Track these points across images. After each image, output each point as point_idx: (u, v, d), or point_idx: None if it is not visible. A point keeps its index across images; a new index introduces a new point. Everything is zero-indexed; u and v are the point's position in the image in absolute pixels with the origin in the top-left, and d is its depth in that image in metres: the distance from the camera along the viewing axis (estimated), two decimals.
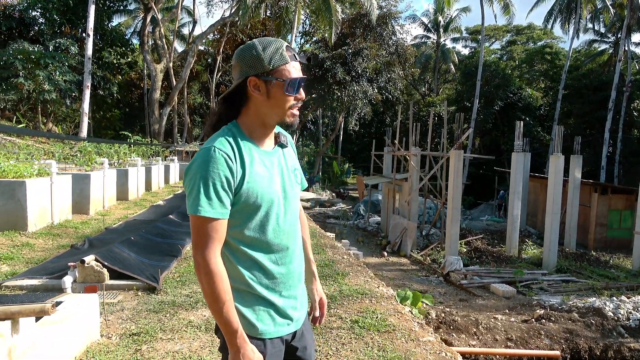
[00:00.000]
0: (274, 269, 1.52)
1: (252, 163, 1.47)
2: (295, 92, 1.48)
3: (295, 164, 1.63)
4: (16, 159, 8.55)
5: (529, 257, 15.10)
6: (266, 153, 1.53)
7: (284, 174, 1.55)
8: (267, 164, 1.51)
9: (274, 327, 1.53)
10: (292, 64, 1.47)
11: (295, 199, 1.59)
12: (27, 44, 20.05)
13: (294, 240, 1.57)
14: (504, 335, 6.87)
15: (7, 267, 5.21)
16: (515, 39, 39.97)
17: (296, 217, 1.60)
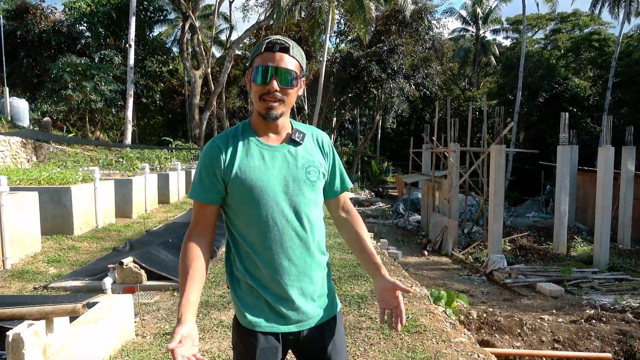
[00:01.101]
0: (267, 265, 1.50)
1: (246, 155, 1.51)
2: (259, 81, 1.46)
3: (311, 162, 1.54)
4: (64, 166, 8.98)
5: (578, 254, 14.40)
6: (269, 147, 1.53)
7: (288, 169, 1.52)
8: (267, 158, 1.52)
9: (267, 322, 1.51)
10: (264, 54, 1.48)
11: (299, 195, 1.52)
12: (74, 57, 21.08)
13: (291, 242, 1.51)
14: (550, 336, 6.57)
15: (54, 270, 5.47)
16: (560, 27, 38.26)
17: (303, 214, 1.52)
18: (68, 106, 19.99)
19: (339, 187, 1.63)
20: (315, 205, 1.56)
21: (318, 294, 1.58)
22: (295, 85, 1.50)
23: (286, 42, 1.48)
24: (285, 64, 1.46)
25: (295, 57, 1.50)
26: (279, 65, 1.46)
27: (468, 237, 16.65)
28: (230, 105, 36.03)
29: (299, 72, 1.52)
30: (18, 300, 3.21)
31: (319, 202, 1.60)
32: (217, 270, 5.36)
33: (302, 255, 1.53)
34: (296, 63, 1.51)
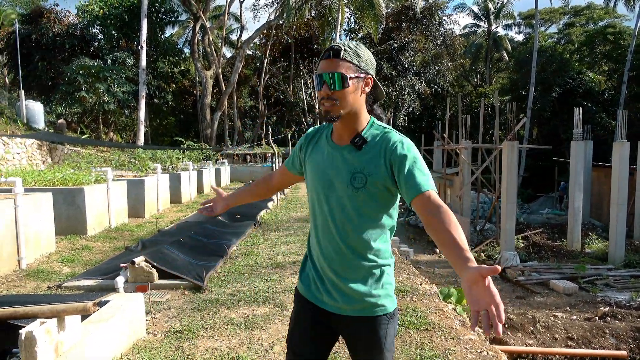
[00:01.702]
0: (316, 244, 1.72)
1: (314, 149, 1.75)
2: (316, 88, 1.60)
3: (360, 169, 1.57)
4: (78, 167, 9.11)
5: (592, 251, 14.21)
6: (333, 147, 1.67)
7: (338, 169, 1.62)
8: (327, 155, 1.68)
9: (309, 291, 1.75)
10: (321, 62, 1.60)
11: (341, 197, 1.61)
12: (87, 59, 21.38)
13: (333, 236, 1.64)
14: (564, 334, 6.50)
15: (68, 269, 5.57)
16: (574, 21, 37.66)
17: (345, 215, 1.60)
18: (82, 108, 20.29)
19: (408, 193, 1.52)
20: (359, 210, 1.59)
21: (352, 289, 1.63)
22: (346, 86, 1.54)
23: (339, 46, 1.56)
24: (334, 68, 1.54)
25: (348, 59, 1.55)
26: (329, 70, 1.55)
27: (480, 235, 16.53)
28: (241, 104, 36.19)
29: (351, 73, 1.55)
30: (32, 299, 3.28)
31: (379, 204, 1.60)
32: (228, 269, 5.41)
33: (337, 249, 1.65)
34: (348, 65, 1.55)
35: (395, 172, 1.55)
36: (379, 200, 1.60)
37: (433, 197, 1.47)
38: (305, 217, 9.67)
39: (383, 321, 1.64)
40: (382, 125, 1.65)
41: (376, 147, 1.59)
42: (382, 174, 1.56)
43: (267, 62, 30.96)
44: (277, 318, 3.78)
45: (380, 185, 1.57)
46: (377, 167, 1.56)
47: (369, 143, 1.60)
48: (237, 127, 33.50)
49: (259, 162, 24.92)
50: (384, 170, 1.55)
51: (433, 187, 1.51)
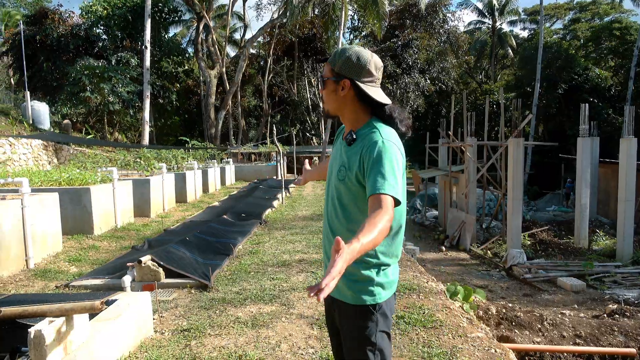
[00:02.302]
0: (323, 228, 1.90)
1: (334, 145, 1.94)
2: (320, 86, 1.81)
3: (344, 162, 1.73)
4: (84, 167, 9.15)
5: (600, 248, 14.10)
6: (341, 142, 1.84)
7: (335, 161, 1.81)
8: (337, 149, 1.86)
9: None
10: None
11: (334, 186, 1.78)
12: (92, 59, 21.45)
13: (326, 221, 1.83)
14: (572, 331, 6.45)
15: (75, 268, 5.59)
16: (579, 17, 37.38)
17: (333, 203, 1.77)
18: (87, 108, 20.37)
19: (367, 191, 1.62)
20: (343, 201, 1.74)
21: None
22: (323, 87, 1.76)
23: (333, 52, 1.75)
24: (322, 72, 1.78)
25: (329, 62, 1.75)
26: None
27: (486, 232, 16.46)
28: (245, 104, 36.23)
29: (327, 76, 1.74)
30: (40, 299, 3.29)
31: (354, 197, 1.71)
32: (234, 268, 5.41)
33: (327, 234, 1.83)
34: (328, 68, 1.74)
35: (365, 171, 1.65)
36: (357, 194, 1.69)
37: (379, 201, 1.52)
38: (310, 216, 9.67)
39: (360, 311, 1.70)
40: (376, 125, 1.71)
41: (360, 144, 1.70)
42: (357, 170, 1.67)
43: (271, 61, 30.97)
44: (283, 316, 3.77)
45: (355, 180, 1.68)
46: (354, 164, 1.68)
47: (357, 140, 1.72)
48: (241, 126, 33.54)
49: (264, 161, 24.94)
50: (359, 167, 1.67)
51: (388, 191, 1.53)
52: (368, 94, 1.70)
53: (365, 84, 1.70)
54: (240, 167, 21.53)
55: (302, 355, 3.07)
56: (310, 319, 3.69)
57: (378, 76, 1.73)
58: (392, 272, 1.75)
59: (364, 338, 1.68)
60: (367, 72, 1.70)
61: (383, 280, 1.71)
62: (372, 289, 1.69)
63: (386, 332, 1.73)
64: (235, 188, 16.44)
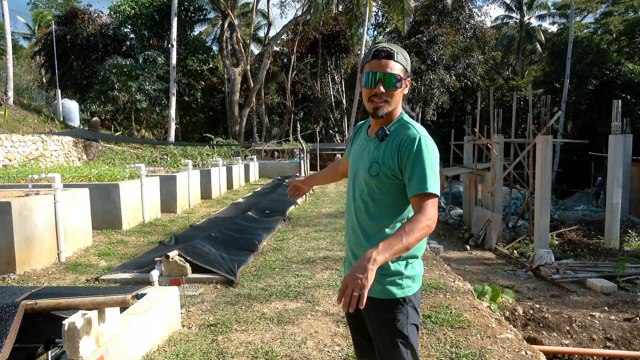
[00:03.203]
0: (345, 226, 1.92)
1: (355, 141, 1.94)
2: (368, 85, 1.69)
3: (377, 159, 1.72)
4: (112, 163, 9.35)
5: (632, 249, 13.66)
6: (366, 138, 1.84)
7: (363, 158, 1.79)
8: (361, 146, 1.85)
9: (346, 268, 1.94)
10: (372, 61, 1.70)
11: (362, 183, 1.77)
12: (120, 58, 21.91)
13: (352, 217, 1.82)
14: (602, 334, 6.28)
15: (105, 262, 5.72)
16: (612, 10, 36.18)
17: (362, 199, 1.77)
18: (115, 106, 20.83)
19: (408, 191, 1.66)
20: (375, 197, 1.74)
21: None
22: (399, 87, 1.70)
23: (391, 48, 1.69)
24: (390, 69, 1.68)
25: (399, 61, 1.69)
26: (385, 70, 1.67)
27: (512, 232, 16.16)
28: (269, 101, 36.43)
29: (402, 75, 1.70)
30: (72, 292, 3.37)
31: (387, 192, 1.72)
32: (259, 264, 5.45)
33: (354, 230, 1.82)
34: (400, 67, 1.69)
35: (403, 167, 1.66)
36: (391, 190, 1.71)
37: (422, 203, 1.59)
38: (334, 213, 9.66)
39: (390, 305, 1.71)
40: (408, 120, 1.75)
41: (395, 140, 1.71)
42: (393, 166, 1.68)
43: (295, 58, 31.02)
44: (309, 313, 3.78)
45: (391, 175, 1.69)
46: (390, 159, 1.68)
47: (390, 136, 1.73)
48: (264, 123, 33.75)
49: (287, 158, 25.04)
50: (396, 163, 1.67)
51: (432, 189, 1.59)
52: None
53: None
54: (264, 164, 21.67)
55: (329, 353, 3.07)
56: (335, 317, 3.69)
57: None
58: (418, 266, 1.78)
59: (396, 331, 1.70)
60: None
61: (411, 273, 1.74)
62: (402, 282, 1.72)
63: (416, 326, 1.75)
64: (259, 185, 16.56)
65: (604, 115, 26.26)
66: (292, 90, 33.09)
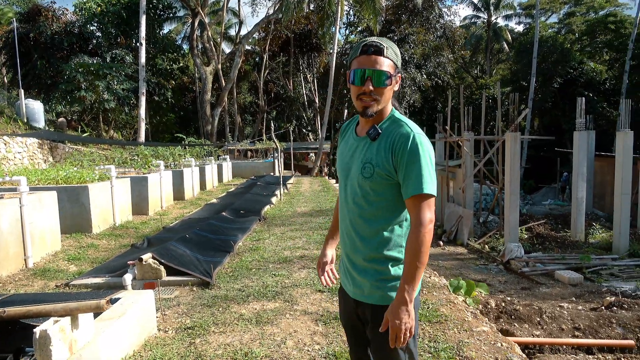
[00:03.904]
0: (339, 231, 1.84)
1: (343, 140, 1.83)
2: (356, 83, 1.61)
3: (370, 159, 1.63)
4: (80, 165, 9.09)
5: (596, 241, 14.20)
6: (355, 138, 1.75)
7: (354, 159, 1.70)
8: (350, 146, 1.76)
9: (342, 276, 1.86)
10: (360, 57, 1.61)
11: (355, 185, 1.68)
12: (86, 57, 21.30)
13: (346, 221, 1.74)
14: (570, 324, 6.49)
15: (75, 267, 5.56)
16: (574, 10, 37.44)
17: (356, 202, 1.69)
18: (82, 106, 20.25)
19: (403, 193, 1.61)
20: (370, 199, 1.65)
21: (359, 275, 1.71)
22: (389, 84, 1.62)
23: (380, 43, 1.60)
24: (379, 66, 1.59)
25: (389, 57, 1.61)
26: (374, 67, 1.59)
27: (484, 227, 16.53)
28: (241, 100, 36.10)
29: (392, 71, 1.62)
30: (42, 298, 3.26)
31: (382, 193, 1.64)
32: (236, 265, 5.40)
33: (349, 235, 1.74)
34: (390, 63, 1.61)
35: (397, 167, 1.59)
36: (387, 191, 1.63)
37: (419, 205, 1.54)
38: (309, 212, 9.66)
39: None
40: (400, 117, 1.68)
41: (388, 139, 1.62)
42: (388, 166, 1.60)
43: (267, 57, 30.84)
44: (287, 313, 3.77)
45: (386, 176, 1.61)
46: (384, 159, 1.60)
47: (382, 134, 1.64)
48: (237, 122, 33.44)
49: (261, 158, 24.89)
50: (390, 163, 1.59)
51: (429, 189, 1.54)
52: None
53: None
54: (237, 164, 21.48)
55: (308, 352, 3.06)
56: (314, 315, 3.69)
57: None
58: None
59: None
60: None
61: None
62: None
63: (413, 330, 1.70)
64: (233, 185, 16.40)
65: (568, 113, 27.18)
66: (265, 89, 32.89)
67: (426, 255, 1.53)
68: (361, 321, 1.79)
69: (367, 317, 1.70)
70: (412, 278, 1.52)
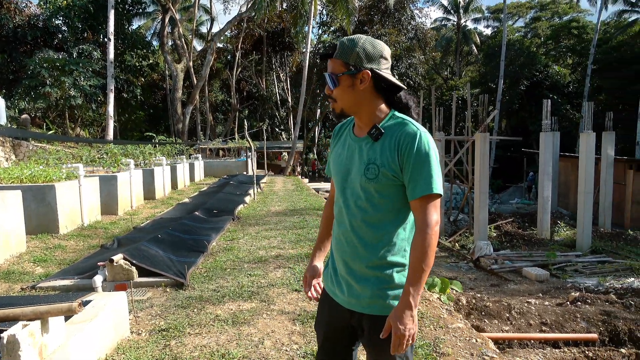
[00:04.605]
0: (333, 235, 1.74)
1: (339, 142, 1.77)
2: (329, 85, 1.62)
3: (373, 160, 1.57)
4: (46, 164, 8.78)
5: (561, 239, 14.70)
6: (353, 139, 1.69)
7: (354, 160, 1.64)
8: (348, 147, 1.69)
9: (326, 283, 1.79)
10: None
11: (356, 188, 1.61)
12: (52, 52, 20.58)
13: (346, 226, 1.65)
14: (538, 319, 6.69)
15: (41, 269, 5.37)
16: (540, 15, 38.67)
17: (358, 205, 1.61)
18: (47, 103, 19.54)
19: (408, 194, 1.55)
20: (375, 202, 1.58)
21: (359, 284, 1.63)
22: (337, 84, 1.58)
23: (334, 44, 1.63)
24: (329, 68, 1.61)
25: (338, 57, 1.58)
26: (328, 70, 1.61)
27: (454, 225, 16.86)
28: (213, 98, 35.64)
29: (341, 71, 1.58)
30: (9, 302, 3.13)
31: (384, 201, 1.58)
32: (210, 265, 5.33)
33: (349, 240, 1.65)
34: (339, 62, 1.58)
35: (403, 167, 1.53)
36: (392, 192, 1.57)
37: (426, 206, 1.50)
38: (283, 211, 9.63)
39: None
40: (402, 116, 1.61)
41: (392, 138, 1.57)
42: (394, 166, 1.54)
43: (239, 55, 30.55)
44: (264, 313, 3.74)
45: (392, 177, 1.54)
46: (390, 159, 1.54)
47: (385, 134, 1.59)
48: (209, 121, 33.00)
49: (233, 157, 24.65)
50: (396, 163, 1.54)
51: (435, 190, 1.50)
52: (393, 82, 1.61)
53: (383, 71, 1.60)
54: (210, 163, 21.20)
55: (287, 352, 3.05)
56: (291, 315, 3.68)
57: (390, 62, 1.64)
58: None
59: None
60: (384, 59, 1.60)
61: None
62: None
63: None
64: (205, 184, 16.18)
65: (534, 114, 28.04)
66: (237, 88, 32.57)
67: (432, 259, 1.49)
68: (349, 332, 1.72)
69: (364, 327, 1.63)
70: (417, 282, 1.48)
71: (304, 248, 6.06)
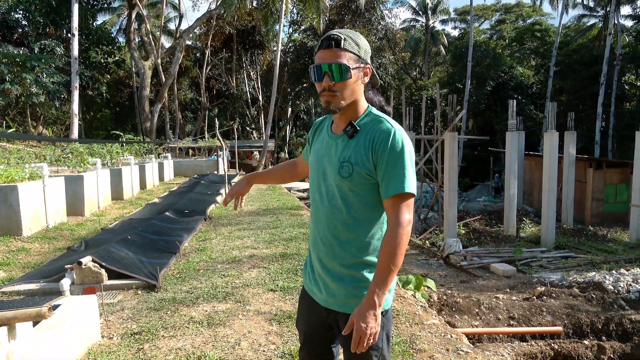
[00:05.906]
0: (310, 232, 1.74)
1: (317, 139, 1.76)
2: (315, 79, 1.55)
3: (347, 158, 1.54)
4: (7, 163, 8.43)
5: (527, 235, 15.16)
6: (330, 136, 1.67)
7: (330, 158, 1.62)
8: (326, 144, 1.67)
9: (309, 282, 1.77)
10: (319, 52, 1.55)
11: (332, 185, 1.60)
12: (11, 47, 19.75)
13: (322, 225, 1.64)
14: (506, 314, 6.89)
15: (4, 273, 5.15)
16: (505, 18, 39.79)
17: (333, 204, 1.60)
18: (6, 100, 18.73)
19: (381, 192, 1.53)
20: (350, 201, 1.57)
21: (334, 283, 1.62)
22: (349, 77, 1.52)
23: (339, 35, 1.52)
24: (336, 59, 1.51)
25: (348, 48, 1.52)
26: (330, 61, 1.51)
27: (424, 223, 17.13)
28: (181, 97, 35.01)
29: (352, 63, 1.52)
30: None
31: (362, 193, 1.56)
32: (182, 266, 5.24)
33: (325, 239, 1.64)
34: (349, 55, 1.52)
35: (377, 165, 1.51)
36: (367, 191, 1.55)
37: (399, 206, 1.48)
38: (256, 211, 9.56)
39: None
40: (378, 114, 1.61)
41: (367, 135, 1.55)
42: (368, 164, 1.51)
43: (209, 53, 30.11)
44: (240, 313, 3.71)
45: (366, 175, 1.52)
46: (364, 157, 1.52)
47: (360, 131, 1.56)
48: (178, 119, 32.41)
49: (204, 156, 24.29)
50: (370, 161, 1.51)
51: (410, 188, 1.48)
52: (377, 79, 1.62)
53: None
54: (179, 162, 20.82)
55: (264, 352, 3.03)
56: (268, 315, 3.66)
57: None
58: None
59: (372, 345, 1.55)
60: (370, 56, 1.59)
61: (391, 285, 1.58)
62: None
63: (388, 336, 1.65)
64: (175, 184, 15.88)
65: (500, 114, 28.83)
66: (207, 86, 32.10)
67: (401, 258, 1.46)
68: (328, 330, 1.73)
69: (340, 325, 1.63)
70: (384, 281, 1.45)
71: (278, 248, 6.04)
